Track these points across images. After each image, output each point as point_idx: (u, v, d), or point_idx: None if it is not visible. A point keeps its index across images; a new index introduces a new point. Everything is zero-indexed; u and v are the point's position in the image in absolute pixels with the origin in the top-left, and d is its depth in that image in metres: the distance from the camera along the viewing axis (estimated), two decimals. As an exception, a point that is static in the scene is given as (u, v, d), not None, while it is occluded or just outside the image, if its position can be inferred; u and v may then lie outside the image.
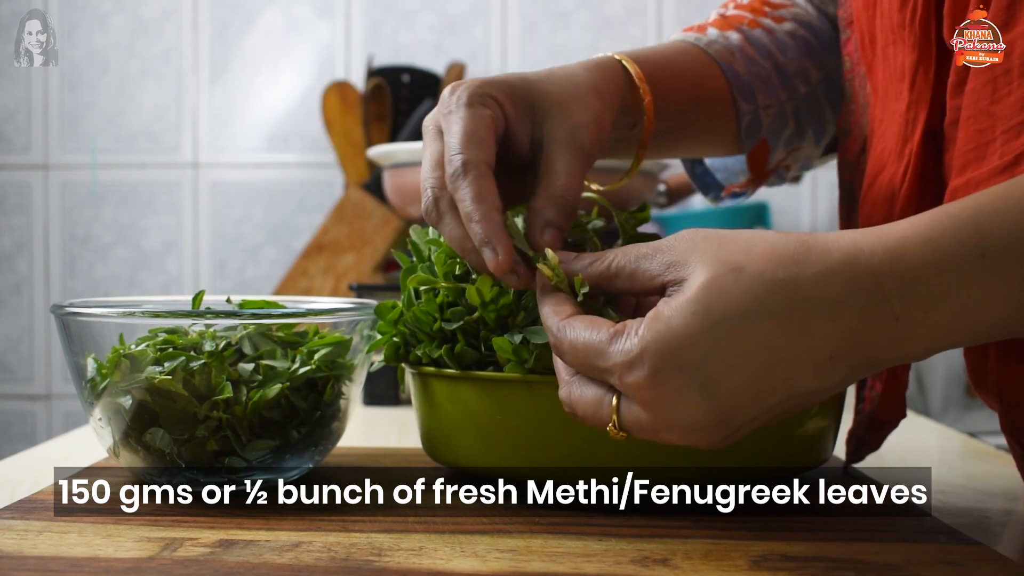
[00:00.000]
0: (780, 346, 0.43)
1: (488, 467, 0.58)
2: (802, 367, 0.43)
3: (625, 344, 0.44)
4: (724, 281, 0.43)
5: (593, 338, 0.46)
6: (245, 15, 1.87)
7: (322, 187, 1.86)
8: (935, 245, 0.43)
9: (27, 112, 1.89)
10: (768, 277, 0.43)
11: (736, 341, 0.43)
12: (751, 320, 0.43)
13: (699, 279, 0.44)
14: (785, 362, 0.43)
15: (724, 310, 0.43)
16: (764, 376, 0.43)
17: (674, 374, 0.43)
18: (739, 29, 0.70)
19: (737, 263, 0.44)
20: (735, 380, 0.43)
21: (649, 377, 0.43)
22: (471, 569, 0.45)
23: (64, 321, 0.60)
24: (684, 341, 0.43)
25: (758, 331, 0.43)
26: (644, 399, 0.44)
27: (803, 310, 0.43)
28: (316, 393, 0.60)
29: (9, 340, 1.90)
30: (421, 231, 0.63)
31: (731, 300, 0.43)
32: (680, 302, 0.44)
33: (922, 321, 0.43)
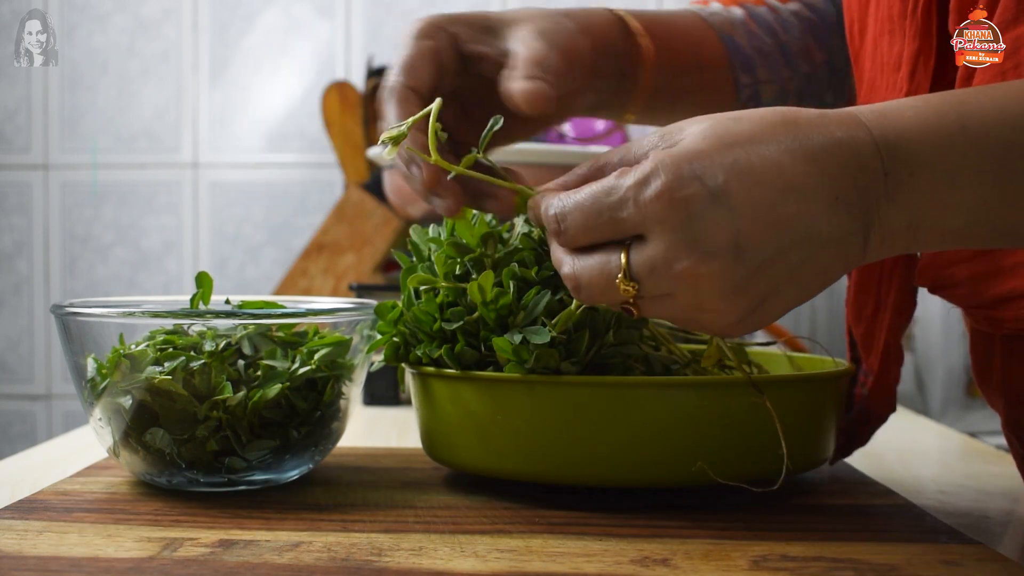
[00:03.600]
0: (791, 174, 0.43)
1: (488, 467, 0.58)
2: (813, 202, 0.43)
3: (640, 166, 0.44)
4: (728, 123, 0.44)
5: (596, 187, 0.45)
6: (245, 15, 1.87)
7: (322, 187, 1.86)
8: (919, 112, 0.44)
9: (27, 112, 1.88)
10: (769, 120, 0.44)
11: (749, 161, 0.42)
12: (761, 146, 0.43)
13: (701, 125, 0.44)
14: (797, 192, 0.43)
15: (736, 135, 0.43)
16: (779, 202, 0.42)
17: (693, 183, 0.42)
18: (743, 5, 0.70)
19: (735, 116, 0.44)
20: (752, 195, 0.42)
21: (667, 184, 0.42)
22: (471, 569, 0.45)
23: (64, 321, 0.60)
24: (698, 155, 0.43)
25: (769, 157, 0.43)
26: (661, 215, 0.43)
27: (807, 142, 0.43)
28: (316, 393, 0.60)
29: (9, 340, 1.90)
30: (421, 231, 0.63)
31: (740, 130, 0.43)
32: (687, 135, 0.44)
33: (907, 183, 0.44)
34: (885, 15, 0.58)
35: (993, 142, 0.44)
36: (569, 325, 0.55)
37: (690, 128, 0.45)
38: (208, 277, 0.63)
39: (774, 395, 0.55)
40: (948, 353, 1.58)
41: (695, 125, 0.45)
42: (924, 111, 0.44)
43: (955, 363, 1.58)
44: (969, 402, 1.59)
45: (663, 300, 0.45)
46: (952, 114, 0.44)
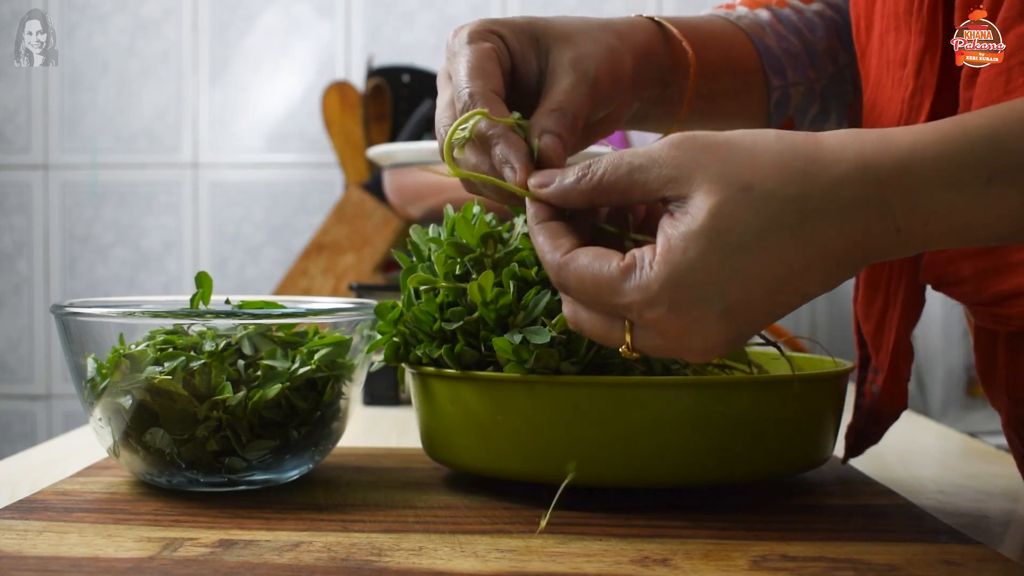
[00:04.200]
0: (793, 260, 0.43)
1: (488, 467, 0.58)
2: (812, 276, 0.44)
3: (640, 280, 0.44)
4: (734, 204, 0.43)
5: (603, 273, 0.45)
6: (245, 15, 1.87)
7: (322, 187, 1.86)
8: (944, 164, 0.43)
9: (27, 112, 1.88)
10: (779, 195, 0.43)
11: (752, 264, 0.43)
12: (765, 241, 0.43)
13: (707, 203, 0.43)
14: (798, 275, 0.44)
15: (740, 235, 0.43)
16: (779, 291, 0.44)
17: (695, 306, 0.43)
18: (768, 8, 0.70)
19: (745, 182, 0.43)
20: (752, 299, 0.44)
21: (670, 312, 0.44)
22: (471, 569, 0.45)
23: (64, 321, 0.60)
24: (702, 274, 0.43)
25: (772, 250, 0.43)
26: (663, 330, 0.45)
27: (813, 222, 0.43)
28: (316, 393, 0.60)
29: (9, 340, 1.90)
30: (421, 231, 0.63)
31: (744, 224, 0.43)
32: (692, 230, 0.43)
33: (920, 232, 0.44)
34: (891, 12, 0.58)
35: (1016, 189, 0.43)
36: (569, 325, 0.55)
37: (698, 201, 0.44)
38: (208, 277, 0.63)
39: (774, 395, 0.55)
40: (948, 353, 1.58)
41: (702, 197, 0.43)
42: (949, 161, 0.43)
43: (955, 363, 1.57)
44: (969, 402, 1.59)
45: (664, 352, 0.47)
46: (978, 166, 0.43)
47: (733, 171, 0.44)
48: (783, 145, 0.44)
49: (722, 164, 0.44)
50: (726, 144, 0.45)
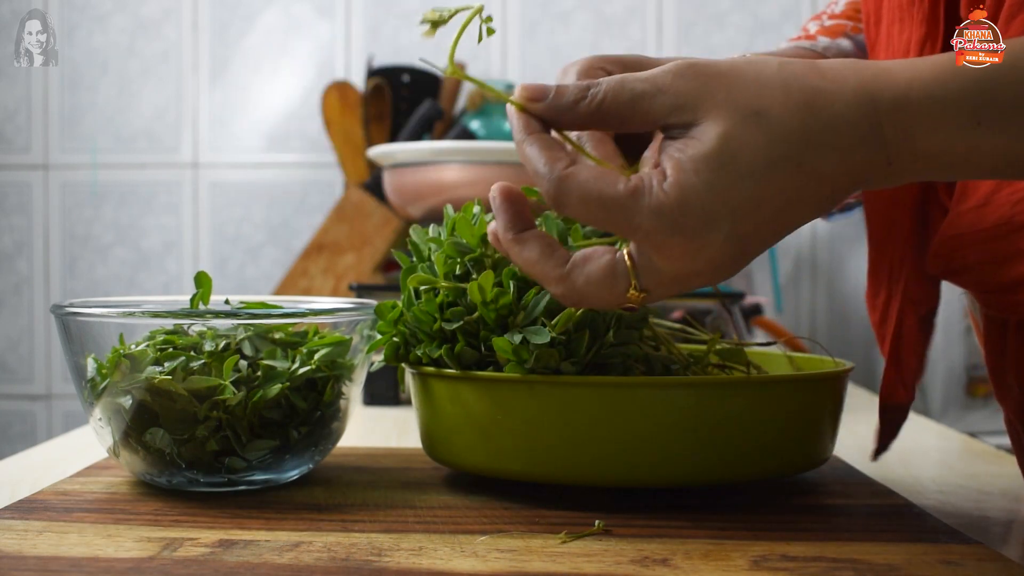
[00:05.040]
0: (793, 189, 0.44)
1: (488, 467, 0.58)
2: (809, 205, 0.45)
3: (652, 202, 0.44)
4: (744, 130, 0.44)
5: (608, 192, 0.44)
6: (245, 15, 1.87)
7: (322, 187, 1.86)
8: (937, 103, 0.44)
9: (27, 112, 1.88)
10: (786, 125, 0.44)
11: (759, 190, 0.44)
12: (772, 169, 0.44)
13: (716, 128, 0.44)
14: (797, 203, 0.45)
15: (750, 162, 0.43)
16: (780, 217, 0.45)
17: (705, 228, 0.44)
18: (847, 35, 0.70)
19: (753, 109, 0.44)
20: (757, 223, 0.44)
21: (681, 235, 0.44)
22: (471, 569, 0.45)
23: (64, 321, 0.60)
24: (714, 196, 0.43)
25: (777, 178, 0.44)
26: (673, 254, 0.45)
27: (815, 153, 0.44)
28: (316, 393, 0.60)
29: (9, 340, 1.90)
30: (421, 231, 0.63)
31: (753, 150, 0.44)
32: (702, 154, 0.44)
33: (909, 167, 0.46)
34: (896, 3, 0.59)
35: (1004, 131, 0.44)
36: (569, 325, 0.55)
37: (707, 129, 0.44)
38: (207, 277, 0.63)
39: (774, 395, 0.55)
40: (948, 353, 1.58)
41: (712, 125, 0.44)
42: (943, 102, 0.44)
43: (955, 363, 1.58)
44: (969, 402, 1.59)
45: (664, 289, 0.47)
46: (968, 107, 0.44)
47: (741, 98, 0.44)
48: (786, 74, 0.45)
49: (728, 91, 0.44)
50: (730, 71, 0.45)
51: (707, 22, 1.79)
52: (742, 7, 1.78)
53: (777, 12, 1.78)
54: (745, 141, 0.44)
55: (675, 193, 0.43)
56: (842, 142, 0.44)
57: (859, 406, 1.09)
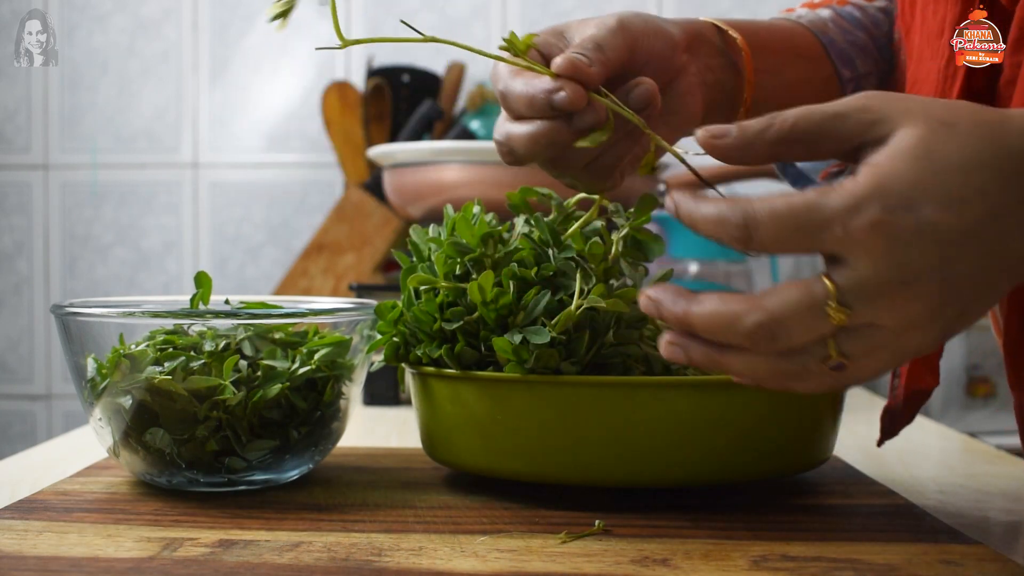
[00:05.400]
0: (994, 195, 0.42)
1: (488, 467, 0.58)
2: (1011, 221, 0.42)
3: (849, 189, 0.42)
4: (940, 134, 0.42)
5: (796, 202, 0.42)
6: (245, 15, 1.87)
7: (322, 187, 1.86)
8: None
9: (27, 112, 1.88)
10: (979, 134, 0.43)
11: (958, 188, 0.42)
12: (969, 170, 0.42)
13: (913, 132, 0.43)
14: (998, 216, 0.42)
15: (947, 157, 0.42)
16: (982, 226, 0.42)
17: (903, 214, 0.41)
18: (829, 7, 0.70)
19: (947, 119, 0.43)
20: (958, 224, 0.42)
21: (880, 214, 0.41)
22: (471, 569, 0.45)
23: (64, 321, 0.60)
24: (911, 182, 0.42)
25: (973, 182, 0.42)
26: (872, 246, 0.41)
27: (1013, 161, 0.42)
28: (316, 393, 0.60)
29: (9, 340, 1.90)
30: (421, 231, 0.63)
31: (951, 150, 0.42)
32: (898, 148, 0.42)
33: None
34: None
35: None
36: (569, 325, 0.55)
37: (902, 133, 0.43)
38: (207, 277, 0.63)
39: (774, 395, 0.55)
40: (948, 353, 1.58)
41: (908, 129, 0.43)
42: None
43: (955, 363, 1.57)
44: (969, 402, 1.59)
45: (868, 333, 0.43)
46: None
47: (934, 111, 0.43)
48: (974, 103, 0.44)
49: (923, 104, 0.44)
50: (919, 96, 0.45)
51: (707, 22, 1.79)
52: (742, 7, 1.78)
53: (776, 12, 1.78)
54: (942, 141, 0.42)
55: (868, 180, 0.42)
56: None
57: (859, 406, 1.09)
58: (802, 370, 0.44)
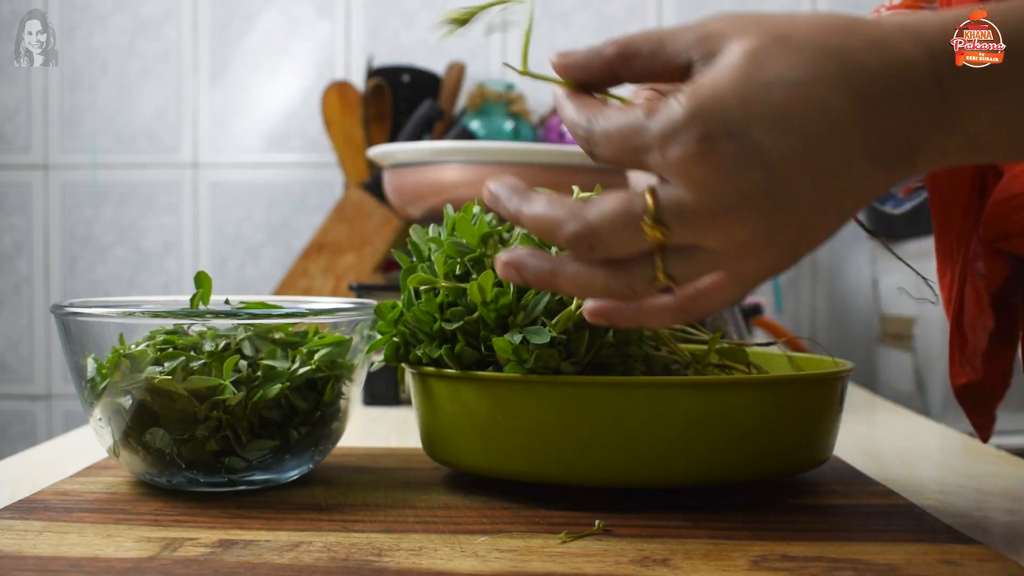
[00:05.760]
0: (834, 113, 0.40)
1: (488, 467, 0.58)
2: (854, 143, 0.40)
3: (666, 113, 0.40)
4: (771, 47, 0.40)
5: (628, 118, 0.41)
6: (245, 15, 1.87)
7: (322, 187, 1.86)
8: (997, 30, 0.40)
9: (27, 112, 1.88)
10: (819, 43, 0.40)
11: (788, 104, 0.39)
12: (803, 84, 0.39)
13: (741, 46, 0.40)
14: (839, 132, 0.40)
15: (776, 71, 0.40)
16: (819, 145, 0.40)
17: (723, 140, 0.39)
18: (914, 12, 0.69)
19: (783, 32, 0.41)
20: (790, 144, 0.39)
21: (697, 143, 0.39)
22: (471, 569, 0.45)
23: (64, 321, 0.60)
24: (733, 102, 0.39)
25: (811, 95, 0.39)
26: (690, 173, 0.40)
27: (857, 77, 0.40)
28: (316, 393, 0.60)
29: (9, 340, 1.90)
30: (421, 231, 0.63)
31: (781, 63, 0.40)
32: (724, 64, 0.40)
33: (967, 109, 0.41)
34: None
35: None
36: (569, 325, 0.55)
37: (732, 45, 0.41)
38: (207, 277, 0.63)
39: (774, 395, 0.55)
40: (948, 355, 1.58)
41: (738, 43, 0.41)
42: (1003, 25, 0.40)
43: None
44: (969, 402, 1.59)
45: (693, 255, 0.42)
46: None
47: (769, 23, 0.41)
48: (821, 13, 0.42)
49: (759, 20, 0.42)
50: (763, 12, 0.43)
51: (707, 22, 1.79)
52: (742, 7, 1.78)
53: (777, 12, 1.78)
54: (772, 55, 0.40)
55: (690, 102, 0.40)
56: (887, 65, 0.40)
57: (859, 406, 1.09)
58: (628, 289, 0.43)
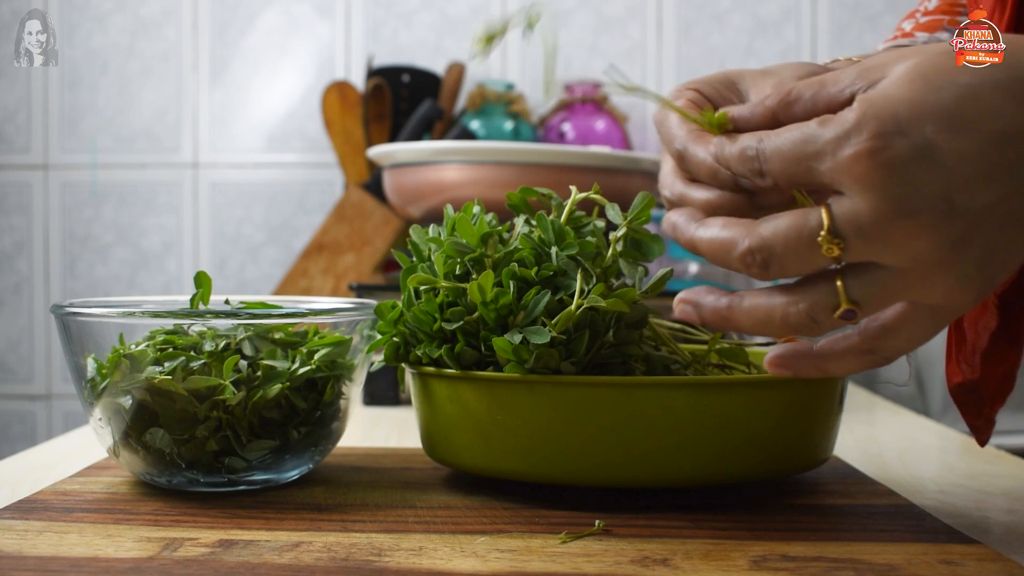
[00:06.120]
0: (1007, 116, 0.39)
1: (488, 467, 0.58)
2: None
3: (839, 119, 0.40)
4: (936, 61, 0.40)
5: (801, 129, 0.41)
6: (245, 15, 1.87)
7: (322, 187, 1.86)
8: None
9: (27, 112, 1.88)
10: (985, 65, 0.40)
11: (960, 105, 0.39)
12: (974, 87, 0.39)
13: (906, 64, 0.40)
14: (1014, 136, 0.39)
15: (945, 77, 0.39)
16: (995, 148, 0.39)
17: (895, 137, 0.39)
18: (945, 29, 0.69)
19: (945, 50, 0.40)
20: (964, 146, 0.38)
21: (869, 141, 0.39)
22: (471, 569, 0.45)
23: (64, 321, 0.60)
24: (904, 105, 0.39)
25: (984, 99, 0.39)
26: (863, 175, 0.39)
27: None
28: (316, 393, 0.60)
29: (9, 340, 1.90)
30: (421, 231, 0.63)
31: (949, 72, 0.39)
32: (892, 77, 0.40)
33: None
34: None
35: None
36: (569, 325, 0.55)
37: (896, 67, 0.41)
38: (207, 277, 0.63)
39: (774, 395, 0.55)
40: (948, 353, 1.58)
41: (901, 63, 0.41)
42: None
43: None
44: (969, 402, 1.59)
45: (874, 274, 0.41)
46: None
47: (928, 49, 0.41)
48: None
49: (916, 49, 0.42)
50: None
51: (707, 22, 1.79)
52: (742, 7, 1.78)
53: (777, 12, 1.78)
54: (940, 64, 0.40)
55: (861, 107, 0.39)
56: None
57: (859, 406, 1.09)
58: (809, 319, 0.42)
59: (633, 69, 1.80)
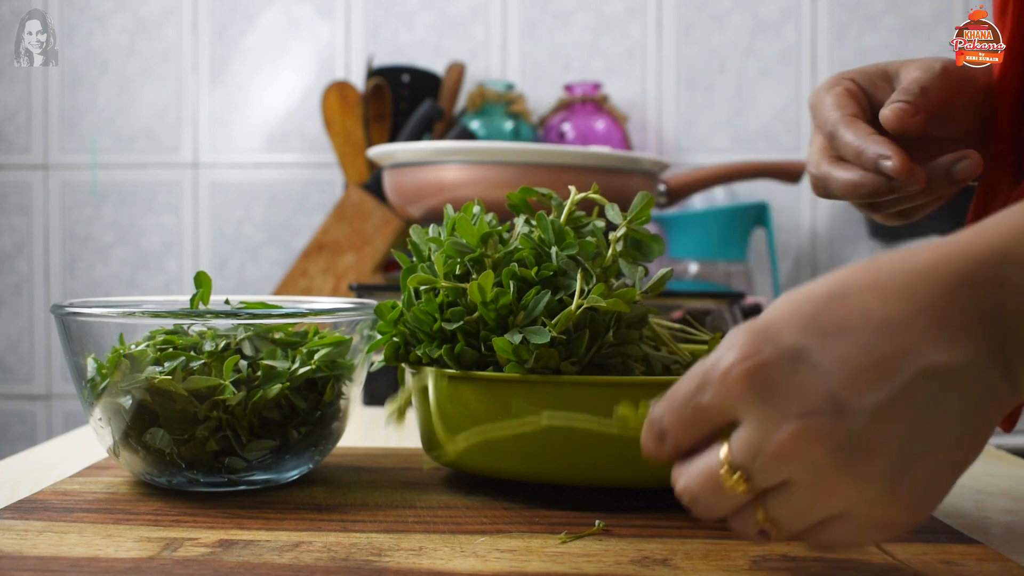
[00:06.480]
0: (880, 313, 0.38)
1: (488, 467, 0.58)
2: (914, 332, 0.37)
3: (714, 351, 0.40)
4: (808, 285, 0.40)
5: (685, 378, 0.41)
6: (245, 15, 1.87)
7: (322, 187, 1.86)
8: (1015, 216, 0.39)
9: (27, 112, 1.88)
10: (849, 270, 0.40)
11: (828, 316, 0.38)
12: (840, 296, 0.39)
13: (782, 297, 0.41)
14: (891, 328, 0.38)
15: (807, 293, 0.39)
16: (871, 344, 0.37)
17: (765, 346, 0.38)
18: None
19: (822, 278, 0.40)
20: (834, 346, 0.38)
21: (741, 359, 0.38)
22: (471, 569, 0.45)
23: (64, 321, 0.60)
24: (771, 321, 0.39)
25: (849, 304, 0.38)
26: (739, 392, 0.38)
27: (894, 278, 0.39)
28: (316, 393, 0.60)
29: (9, 340, 1.90)
30: (421, 231, 0.63)
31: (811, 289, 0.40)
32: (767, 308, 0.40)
33: None
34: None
35: None
36: (569, 325, 0.55)
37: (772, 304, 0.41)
38: (207, 277, 0.63)
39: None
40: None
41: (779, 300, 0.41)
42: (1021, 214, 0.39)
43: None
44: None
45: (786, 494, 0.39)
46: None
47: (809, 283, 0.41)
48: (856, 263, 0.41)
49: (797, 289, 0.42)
50: None
51: (707, 22, 1.79)
52: (742, 7, 1.78)
53: (777, 12, 1.78)
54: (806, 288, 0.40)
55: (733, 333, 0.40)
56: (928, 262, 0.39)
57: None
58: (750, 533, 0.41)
59: (633, 69, 1.80)
